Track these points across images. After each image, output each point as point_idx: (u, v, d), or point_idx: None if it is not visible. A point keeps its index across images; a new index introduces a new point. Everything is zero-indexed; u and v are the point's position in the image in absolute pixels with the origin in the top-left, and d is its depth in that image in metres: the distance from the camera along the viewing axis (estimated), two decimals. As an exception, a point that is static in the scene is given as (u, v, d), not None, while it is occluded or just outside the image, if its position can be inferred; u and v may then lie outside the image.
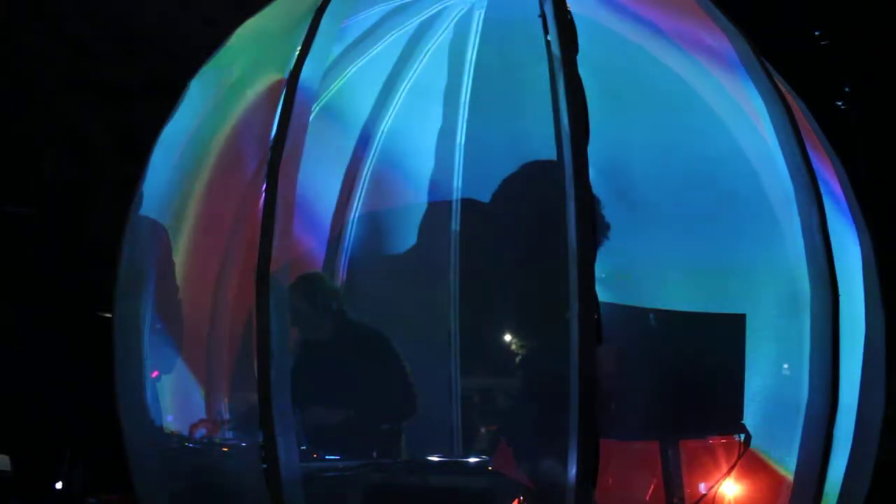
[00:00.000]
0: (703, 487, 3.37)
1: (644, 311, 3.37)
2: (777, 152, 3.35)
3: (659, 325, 3.32)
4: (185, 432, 3.71)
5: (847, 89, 5.63)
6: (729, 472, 3.32)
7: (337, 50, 4.22)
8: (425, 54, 4.75)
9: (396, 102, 4.80)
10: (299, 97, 3.24)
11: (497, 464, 3.84)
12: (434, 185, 4.81)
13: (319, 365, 4.06)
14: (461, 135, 4.78)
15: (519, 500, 3.24)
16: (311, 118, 3.53)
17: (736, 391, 3.34)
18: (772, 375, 3.48)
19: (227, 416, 3.70)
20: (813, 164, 3.28)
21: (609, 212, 3.44)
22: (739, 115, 3.59)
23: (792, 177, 3.29)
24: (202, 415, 3.80)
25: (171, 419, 3.82)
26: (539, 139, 3.83)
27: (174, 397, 3.84)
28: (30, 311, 5.63)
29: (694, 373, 3.27)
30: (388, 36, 4.57)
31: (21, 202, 6.18)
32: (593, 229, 2.80)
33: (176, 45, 6.39)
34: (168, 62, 6.26)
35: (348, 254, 4.78)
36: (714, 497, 3.34)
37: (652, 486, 3.49)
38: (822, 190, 3.25)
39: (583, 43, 2.99)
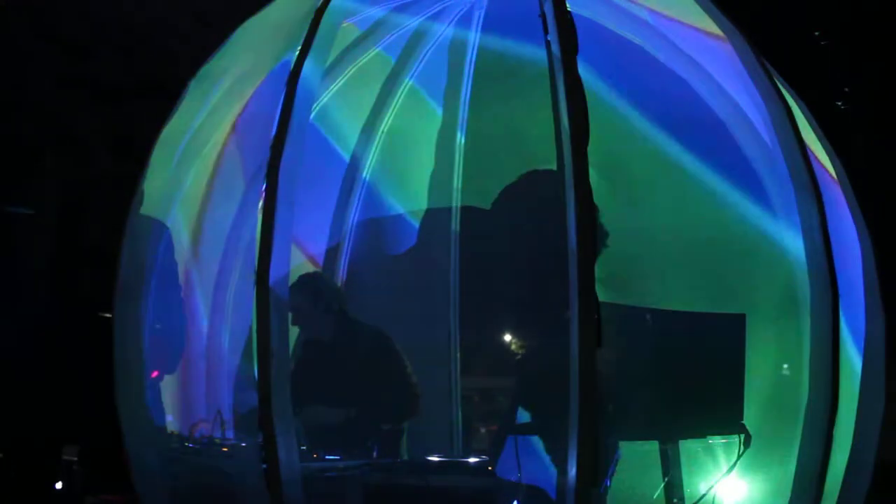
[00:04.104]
0: (702, 487, 3.36)
1: (644, 311, 3.37)
2: (777, 152, 3.35)
3: (659, 325, 3.32)
4: (185, 432, 3.71)
5: (847, 89, 5.64)
6: (729, 472, 3.31)
7: (337, 50, 4.22)
8: (425, 54, 4.75)
9: (396, 102, 4.80)
10: (299, 97, 3.24)
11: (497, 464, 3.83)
12: (434, 186, 4.81)
13: (319, 365, 4.06)
14: (461, 135, 4.79)
15: (519, 500, 3.23)
16: (311, 118, 3.53)
17: (736, 391, 3.34)
18: (772, 375, 3.48)
19: (227, 416, 3.70)
20: (813, 165, 3.28)
21: (609, 212, 3.44)
22: (739, 115, 3.59)
23: (792, 177, 3.29)
24: (202, 415, 3.79)
25: (171, 419, 3.82)
26: (539, 139, 3.83)
27: (174, 397, 3.84)
28: (30, 311, 5.62)
29: (694, 373, 3.27)
30: (389, 36, 4.57)
31: (21, 202, 6.18)
32: (593, 229, 2.80)
33: (174, 46, 6.39)
34: (166, 62, 6.25)
35: (348, 254, 4.78)
36: (714, 497, 3.33)
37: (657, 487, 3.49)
38: (822, 190, 3.25)
39: (583, 43, 2.99)
